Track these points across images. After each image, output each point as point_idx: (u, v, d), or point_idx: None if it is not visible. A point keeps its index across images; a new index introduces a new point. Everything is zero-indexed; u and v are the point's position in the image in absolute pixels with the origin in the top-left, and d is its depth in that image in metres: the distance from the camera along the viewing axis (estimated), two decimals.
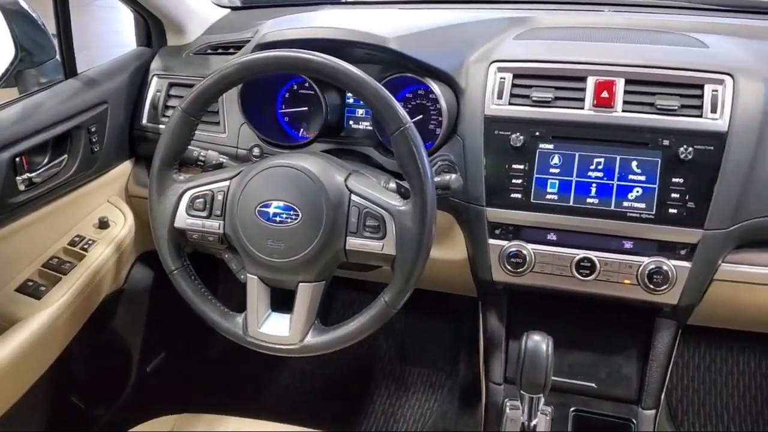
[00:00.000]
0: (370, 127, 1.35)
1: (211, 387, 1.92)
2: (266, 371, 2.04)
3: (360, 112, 1.38)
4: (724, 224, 1.13)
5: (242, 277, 1.12)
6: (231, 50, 1.50)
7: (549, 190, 1.19)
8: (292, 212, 1.04)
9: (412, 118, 1.08)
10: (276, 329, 1.09)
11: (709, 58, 1.19)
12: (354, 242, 1.05)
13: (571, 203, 1.18)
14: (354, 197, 1.05)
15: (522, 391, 1.12)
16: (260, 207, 1.05)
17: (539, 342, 1.10)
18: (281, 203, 1.05)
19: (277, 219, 1.04)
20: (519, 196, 1.20)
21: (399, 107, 1.01)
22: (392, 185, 1.15)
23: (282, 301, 1.11)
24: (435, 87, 1.22)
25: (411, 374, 2.01)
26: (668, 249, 1.16)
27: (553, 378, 1.14)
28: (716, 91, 1.13)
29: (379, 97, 1.01)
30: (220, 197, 1.09)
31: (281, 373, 2.05)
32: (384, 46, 1.20)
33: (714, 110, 1.13)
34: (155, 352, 1.79)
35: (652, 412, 1.30)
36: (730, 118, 1.12)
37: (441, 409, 1.87)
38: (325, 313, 2.00)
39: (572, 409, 1.30)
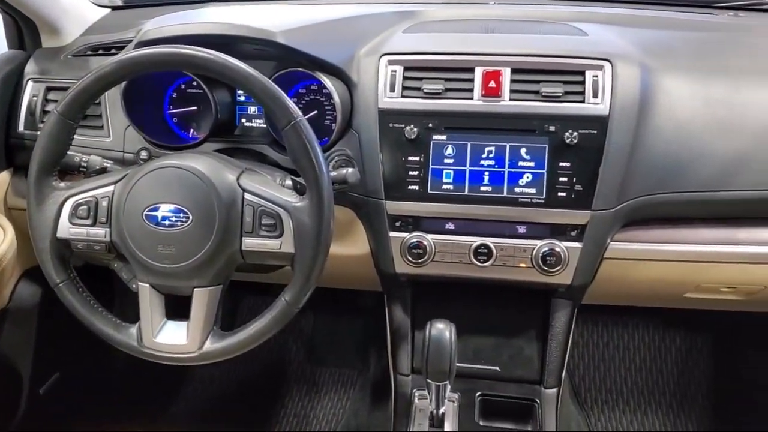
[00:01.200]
0: (264, 125, 1.33)
1: (116, 401, 1.83)
2: (174, 380, 1.97)
3: (252, 109, 1.35)
4: (611, 204, 1.18)
5: (134, 286, 1.07)
6: (113, 51, 1.43)
7: (444, 180, 1.21)
8: (182, 215, 1.00)
9: (306, 114, 1.07)
10: (173, 338, 1.05)
11: (589, 46, 1.24)
12: (250, 242, 1.02)
13: (466, 192, 1.20)
14: (247, 196, 1.02)
15: (428, 380, 1.13)
16: (147, 211, 1.01)
17: (442, 330, 1.11)
18: (170, 206, 1.01)
19: (167, 222, 1.00)
20: (416, 187, 1.21)
21: (289, 101, 0.99)
22: (288, 182, 1.13)
23: (178, 308, 1.07)
24: (327, 81, 1.21)
25: (322, 374, 1.99)
26: (559, 231, 1.20)
27: (458, 364, 1.16)
28: (596, 76, 1.18)
29: (268, 92, 0.99)
30: (104, 203, 1.04)
31: (190, 380, 1.98)
32: (272, 41, 1.18)
33: (595, 95, 1.17)
34: (48, 372, 1.68)
35: (554, 390, 1.34)
36: (610, 102, 1.16)
37: (353, 407, 1.87)
38: (231, 320, 1.95)
39: (478, 393, 1.33)
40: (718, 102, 1.20)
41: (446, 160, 1.21)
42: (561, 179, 1.18)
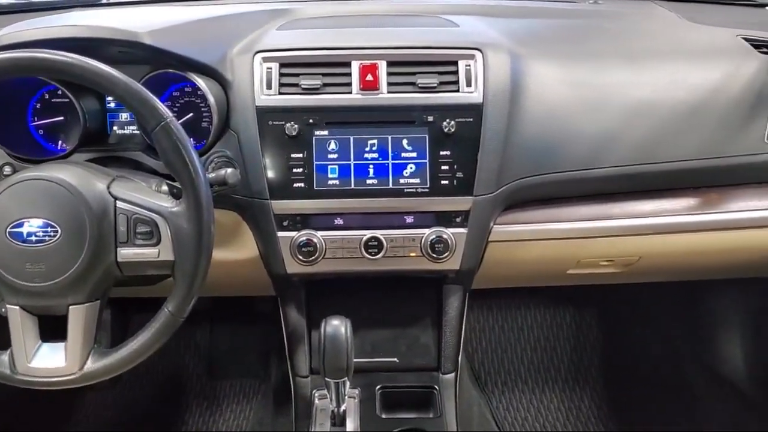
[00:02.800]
0: (138, 131, 1.27)
1: None
2: (64, 405, 1.85)
3: (124, 116, 1.29)
4: (491, 189, 1.21)
5: (2, 309, 1.00)
6: None
7: (330, 175, 1.20)
8: (50, 229, 0.94)
9: (182, 117, 1.03)
10: (50, 361, 0.98)
11: (460, 36, 1.27)
12: (126, 253, 0.97)
13: (352, 186, 1.20)
14: (120, 204, 0.97)
15: (327, 378, 1.12)
16: (11, 228, 0.94)
17: (338, 326, 1.10)
18: (37, 221, 0.94)
19: (34, 239, 0.94)
20: (302, 185, 1.20)
21: (157, 102, 0.95)
22: (164, 187, 1.08)
23: (53, 329, 1.01)
24: (200, 82, 1.18)
25: (223, 387, 1.94)
26: (445, 218, 1.22)
27: (356, 360, 1.16)
28: (469, 65, 1.21)
29: (133, 94, 0.94)
30: None
31: (82, 405, 1.87)
32: (137, 42, 1.13)
33: (469, 84, 1.20)
34: None
35: (452, 375, 1.36)
36: (483, 90, 1.20)
37: (257, 416, 1.83)
38: (121, 340, 1.86)
39: (378, 387, 1.33)
40: (583, 85, 1.26)
41: (330, 156, 1.20)
42: (443, 168, 1.20)
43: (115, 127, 1.28)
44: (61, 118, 1.27)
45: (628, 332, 1.98)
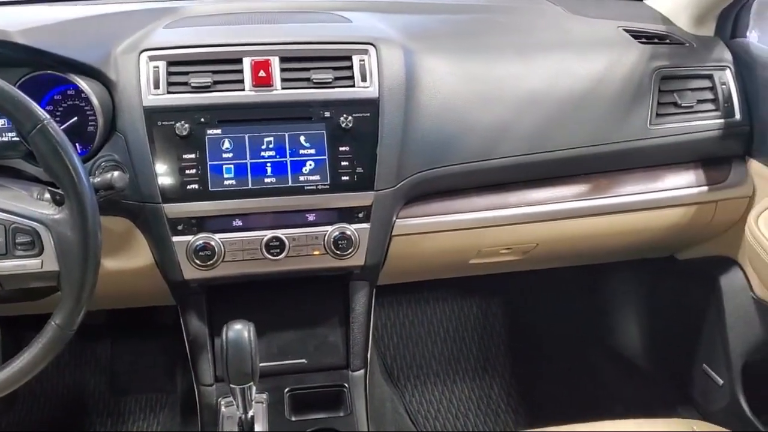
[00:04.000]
0: (17, 138, 1.19)
1: None
2: None
3: (1, 122, 1.20)
4: (391, 183, 1.21)
5: None
6: None
7: (226, 175, 1.16)
8: None
9: (66, 121, 0.98)
10: None
11: (353, 31, 1.27)
12: (6, 266, 0.91)
13: (249, 186, 1.17)
14: None
15: (232, 385, 1.08)
16: None
17: (240, 331, 1.07)
18: None
19: None
20: (196, 186, 1.15)
21: (32, 103, 0.89)
22: (47, 195, 1.02)
23: None
24: (82, 83, 1.12)
25: (127, 404, 1.85)
26: (348, 214, 1.21)
27: (263, 364, 1.12)
28: (363, 60, 1.20)
29: (5, 96, 0.88)
30: None
31: None
32: (8, 41, 1.06)
33: (364, 79, 1.19)
34: None
35: (361, 372, 1.35)
36: (379, 85, 1.19)
37: (164, 430, 1.76)
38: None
39: (287, 389, 1.30)
40: (476, 78, 1.28)
41: (225, 155, 1.16)
42: (342, 163, 1.19)
43: None
44: None
45: (531, 318, 2.04)
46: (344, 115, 1.18)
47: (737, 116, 1.38)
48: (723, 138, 1.38)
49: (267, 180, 1.18)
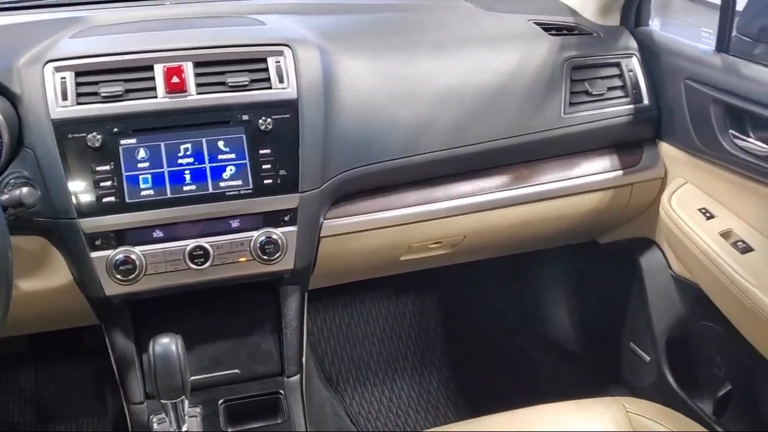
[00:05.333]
0: None
1: None
2: None
3: None
4: (316, 184, 1.21)
5: None
6: None
7: (143, 186, 1.13)
8: None
9: None
10: None
11: (268, 33, 1.26)
12: None
13: (168, 195, 1.14)
14: None
15: (163, 401, 1.05)
16: None
17: (167, 344, 1.04)
18: None
19: None
20: (112, 199, 1.12)
21: None
22: None
23: None
24: None
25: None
26: (273, 218, 1.20)
27: (195, 377, 1.10)
28: (279, 62, 1.19)
29: None
30: None
31: None
32: None
33: (281, 80, 1.18)
34: None
35: (297, 377, 1.34)
36: (297, 86, 1.19)
37: None
38: None
39: (221, 401, 1.28)
40: (394, 75, 1.29)
41: (141, 165, 1.13)
42: (264, 167, 1.17)
43: None
44: None
45: (465, 311, 2.07)
46: (263, 118, 1.16)
47: (645, 101, 1.44)
48: (633, 123, 1.43)
49: (186, 188, 1.15)
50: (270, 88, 1.18)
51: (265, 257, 1.19)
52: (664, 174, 1.48)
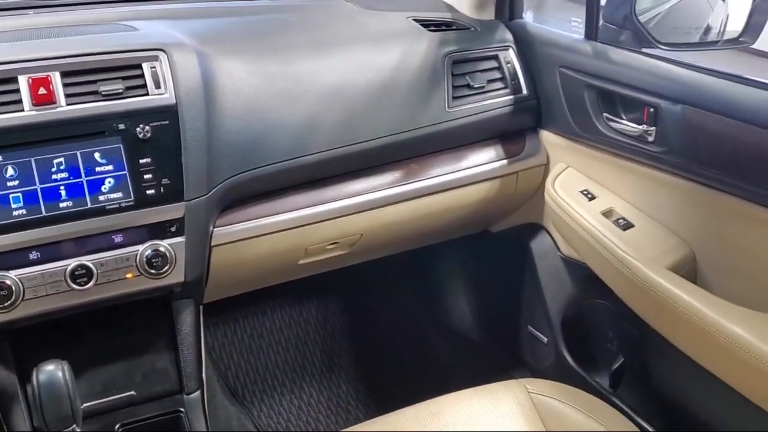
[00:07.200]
0: None
1: None
2: None
3: None
4: (203, 191, 1.17)
5: None
6: None
7: (14, 205, 1.05)
8: None
9: None
10: None
11: (141, 39, 1.21)
12: None
13: (43, 213, 1.07)
14: None
15: (51, 431, 0.99)
16: None
17: (52, 371, 0.98)
18: None
19: None
20: None
21: None
22: None
23: None
24: None
25: None
26: (159, 230, 1.15)
27: (87, 404, 1.03)
28: (154, 67, 1.14)
29: None
30: None
31: None
32: None
33: (158, 86, 1.14)
34: None
35: (197, 393, 1.29)
36: (175, 91, 1.14)
37: None
38: None
39: (118, 426, 1.21)
40: (276, 76, 1.27)
41: (10, 183, 1.05)
42: (146, 177, 1.12)
43: None
44: None
45: (370, 310, 2.07)
46: (141, 126, 1.11)
47: (524, 91, 1.49)
48: (514, 113, 1.48)
49: (63, 204, 1.08)
50: (146, 94, 1.13)
51: (153, 271, 1.14)
52: (547, 160, 1.53)
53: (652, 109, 1.22)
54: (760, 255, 1.13)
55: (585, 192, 1.40)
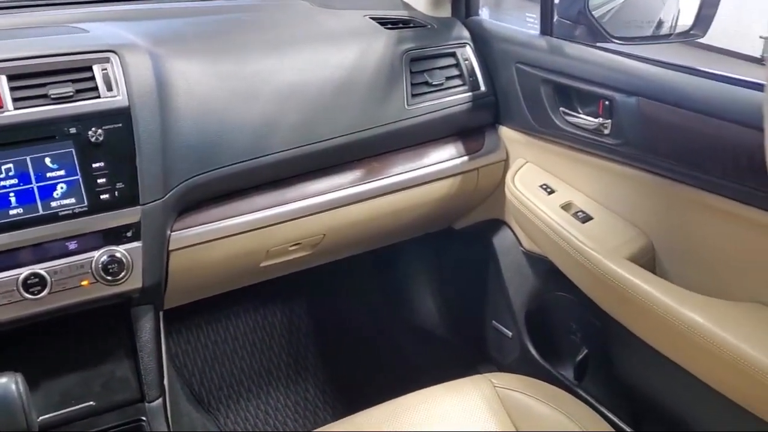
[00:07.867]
0: None
1: None
2: None
3: None
4: (159, 195, 1.15)
5: None
6: None
7: None
8: None
9: None
10: None
11: (91, 40, 1.18)
12: None
13: None
14: None
15: None
16: None
17: (5, 384, 0.95)
18: None
19: None
20: None
21: None
22: None
23: None
24: None
25: None
26: (114, 235, 1.12)
27: (43, 416, 1.00)
28: (105, 69, 1.12)
29: None
30: None
31: None
32: None
33: (110, 88, 1.11)
34: None
35: (159, 401, 1.27)
36: (127, 93, 1.12)
37: None
38: None
39: None
40: (231, 76, 1.25)
41: None
42: (99, 181, 1.10)
43: None
44: None
45: (335, 311, 2.05)
46: (93, 129, 1.09)
47: (482, 88, 1.50)
48: (473, 109, 1.49)
49: (12, 212, 1.05)
50: (98, 97, 1.10)
51: (109, 278, 1.12)
52: (506, 156, 1.54)
53: (607, 102, 1.23)
54: (716, 243, 1.15)
55: (544, 186, 1.41)
